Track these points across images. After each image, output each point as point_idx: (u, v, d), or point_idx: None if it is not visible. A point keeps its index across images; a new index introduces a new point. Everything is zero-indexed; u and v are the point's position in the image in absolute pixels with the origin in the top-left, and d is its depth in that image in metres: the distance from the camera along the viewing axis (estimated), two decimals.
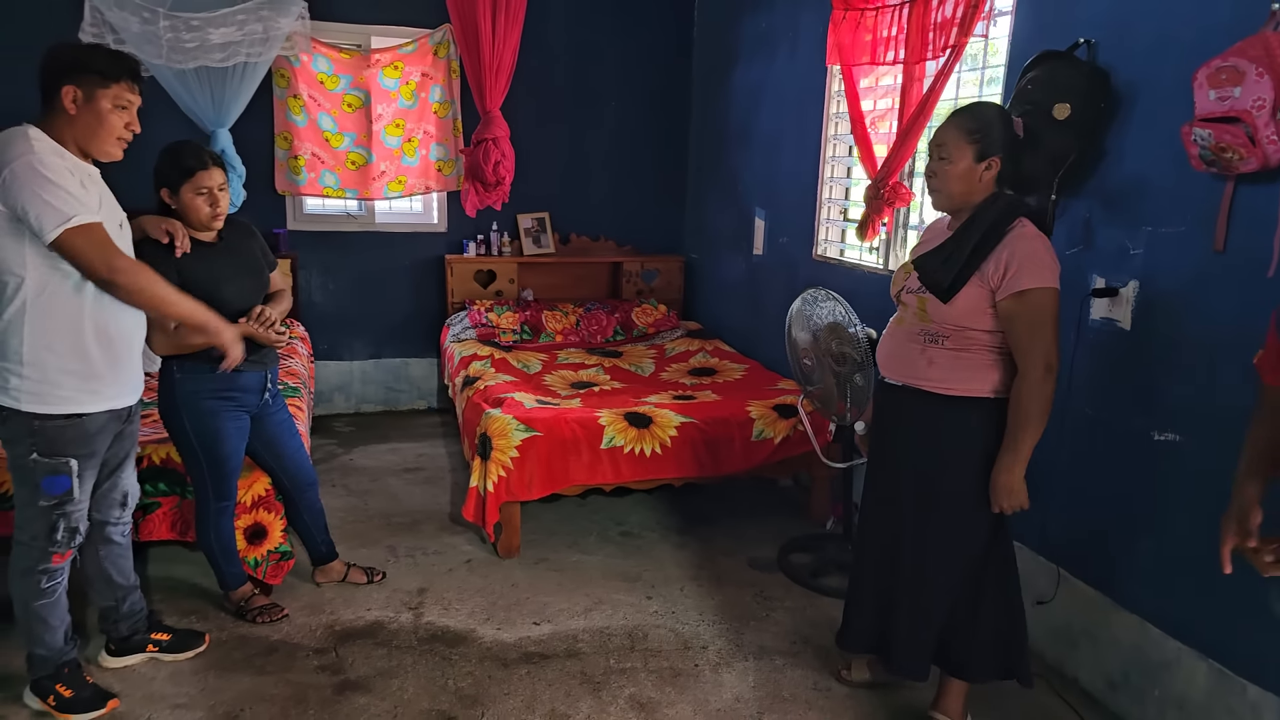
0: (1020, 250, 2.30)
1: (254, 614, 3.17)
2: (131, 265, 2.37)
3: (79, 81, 2.33)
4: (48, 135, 2.34)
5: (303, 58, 5.16)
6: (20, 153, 2.23)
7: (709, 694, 2.86)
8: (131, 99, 2.42)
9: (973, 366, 2.40)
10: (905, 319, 2.53)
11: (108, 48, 2.42)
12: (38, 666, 2.62)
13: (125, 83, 2.39)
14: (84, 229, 2.26)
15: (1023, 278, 2.27)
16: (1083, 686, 2.93)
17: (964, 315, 2.37)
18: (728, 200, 5.52)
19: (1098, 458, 2.86)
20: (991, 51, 3.47)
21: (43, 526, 2.48)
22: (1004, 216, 2.36)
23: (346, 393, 5.87)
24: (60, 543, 2.50)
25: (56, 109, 2.34)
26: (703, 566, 3.75)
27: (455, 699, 2.78)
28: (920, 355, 2.46)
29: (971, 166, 2.35)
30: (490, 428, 3.68)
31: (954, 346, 2.41)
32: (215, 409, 2.90)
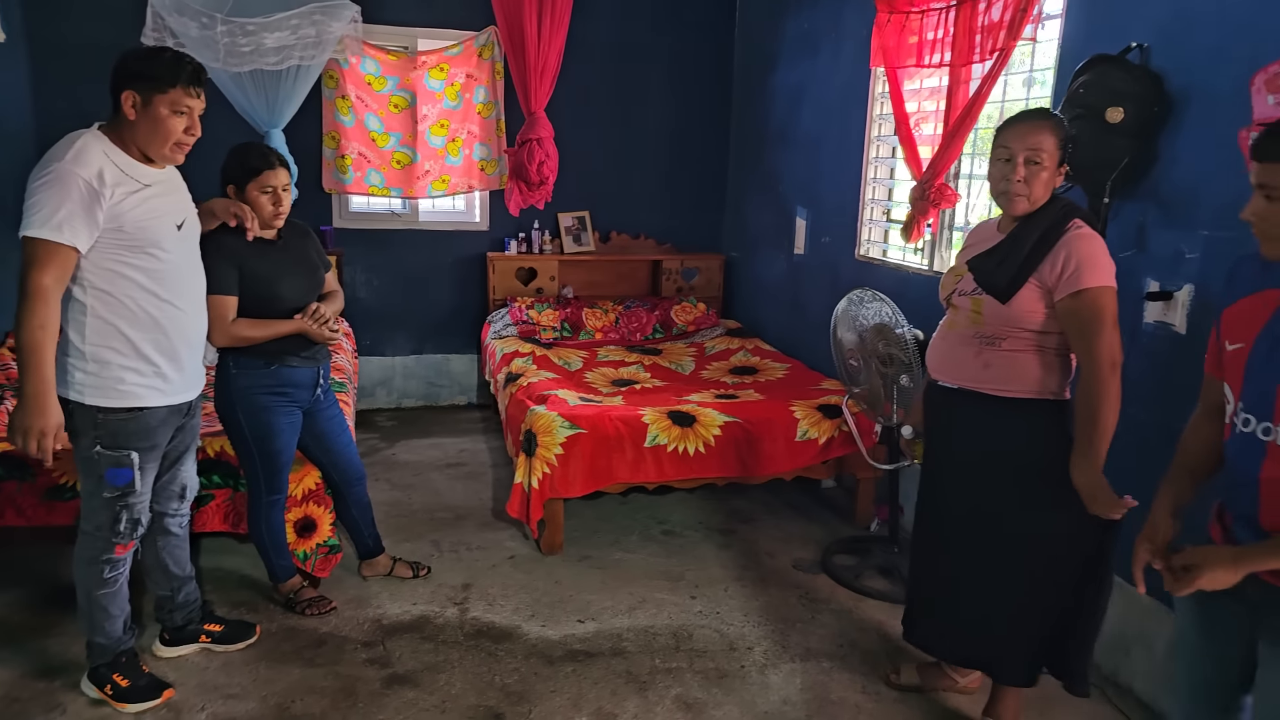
0: (1078, 250, 2.28)
1: (303, 606, 3.23)
2: (33, 291, 2.26)
3: (137, 87, 2.37)
4: (112, 139, 2.40)
5: (351, 59, 5.22)
6: (60, 158, 2.30)
7: (756, 696, 2.86)
8: (191, 104, 2.43)
9: (1029, 367, 2.38)
10: (958, 322, 2.51)
11: (172, 52, 2.44)
12: (96, 654, 2.68)
13: (182, 87, 2.40)
14: (41, 243, 2.27)
15: (1082, 276, 2.26)
16: (1138, 695, 2.89)
17: (1020, 316, 2.36)
18: (768, 199, 5.51)
19: (1151, 462, 2.81)
20: (1035, 54, 3.43)
21: (106, 517, 2.54)
22: (1061, 218, 2.35)
23: (388, 388, 5.93)
24: (123, 533, 2.56)
25: (120, 114, 2.39)
26: (746, 567, 3.75)
27: (502, 695, 2.81)
28: (975, 359, 2.44)
29: (1056, 172, 2.36)
30: (535, 424, 3.71)
31: (1010, 349, 2.39)
32: (269, 404, 2.95)
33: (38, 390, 2.30)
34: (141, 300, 2.45)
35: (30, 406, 2.31)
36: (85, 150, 2.32)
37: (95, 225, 2.33)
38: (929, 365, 2.66)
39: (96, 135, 2.39)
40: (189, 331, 2.60)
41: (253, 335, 2.86)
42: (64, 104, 4.80)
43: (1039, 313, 2.34)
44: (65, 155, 2.30)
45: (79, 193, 2.28)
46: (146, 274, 2.44)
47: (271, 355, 2.93)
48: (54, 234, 2.27)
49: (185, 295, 2.57)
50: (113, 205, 2.34)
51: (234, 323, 2.82)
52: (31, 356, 2.29)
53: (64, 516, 3.08)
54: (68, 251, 2.30)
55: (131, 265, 2.41)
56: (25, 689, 2.75)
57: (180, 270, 2.54)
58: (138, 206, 2.39)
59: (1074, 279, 2.27)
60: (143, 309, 2.45)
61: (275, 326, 2.90)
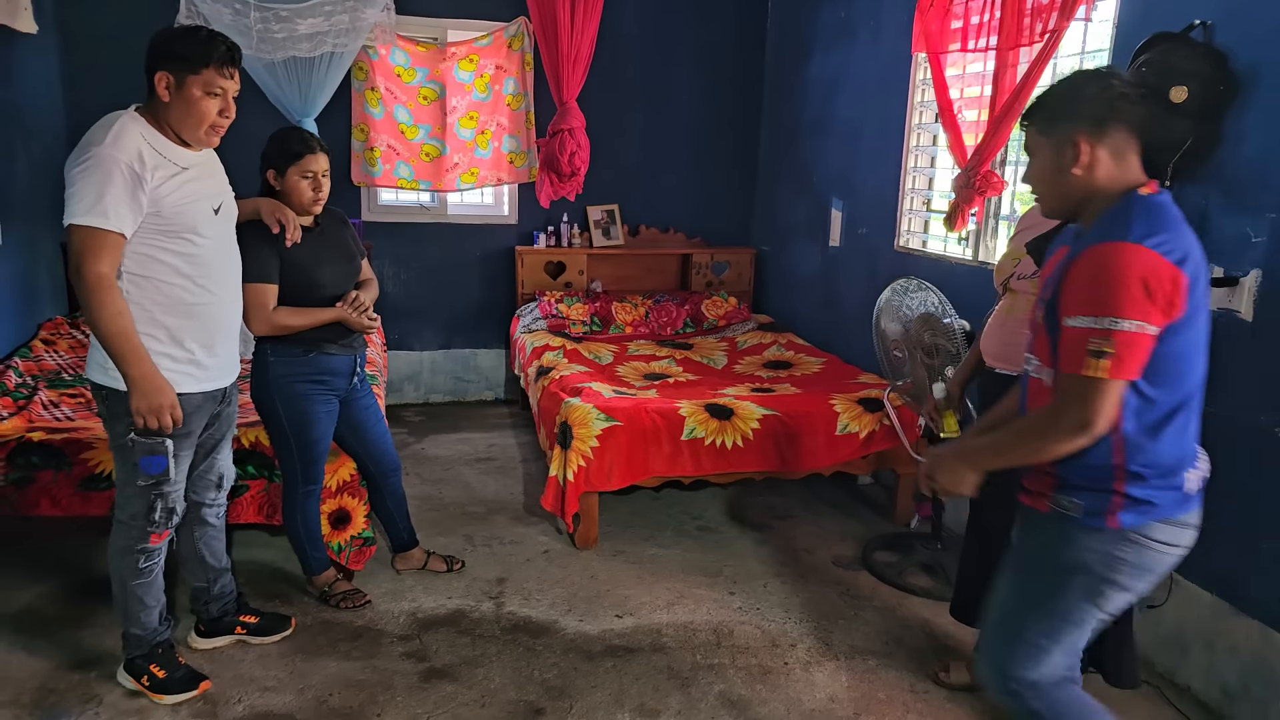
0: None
1: (338, 599, 3.18)
2: (95, 281, 2.23)
3: (170, 68, 2.32)
4: (148, 120, 2.35)
5: (381, 51, 5.19)
6: (99, 142, 2.25)
7: (801, 693, 2.79)
8: (225, 85, 2.37)
9: None
10: (1018, 307, 2.45)
11: (207, 32, 2.39)
12: (133, 646, 2.64)
13: (216, 67, 2.34)
14: (89, 230, 2.23)
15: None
16: (1196, 696, 2.80)
17: None
18: (801, 191, 5.43)
19: (1215, 454, 2.71)
20: (1087, 35, 3.34)
21: (141, 506, 2.50)
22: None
23: (416, 382, 5.90)
24: (158, 522, 2.52)
25: (155, 95, 2.35)
26: (785, 563, 3.68)
27: (542, 690, 2.75)
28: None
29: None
30: (571, 416, 3.65)
31: None
32: (307, 392, 2.91)
33: (143, 372, 2.30)
34: (177, 286, 2.40)
35: (143, 389, 2.30)
36: (123, 133, 2.27)
37: (140, 209, 2.28)
38: (985, 353, 2.58)
39: (133, 117, 2.34)
40: (224, 317, 2.56)
41: (293, 323, 2.82)
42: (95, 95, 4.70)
43: None
44: (104, 139, 2.25)
45: (121, 177, 2.23)
46: (183, 259, 2.40)
47: (309, 343, 2.89)
48: (101, 220, 2.23)
49: (221, 281, 2.53)
50: (153, 189, 2.29)
51: (274, 311, 2.78)
52: (123, 343, 2.28)
53: (99, 507, 3.04)
54: (116, 238, 2.26)
55: (168, 250, 2.37)
56: (61, 680, 2.71)
57: (216, 255, 2.50)
58: (176, 190, 2.35)
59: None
60: (178, 295, 2.41)
61: (315, 315, 2.86)
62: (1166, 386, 1.76)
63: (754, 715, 2.67)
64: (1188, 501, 1.85)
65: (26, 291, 4.36)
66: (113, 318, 2.26)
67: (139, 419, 2.32)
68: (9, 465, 2.98)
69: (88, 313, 2.26)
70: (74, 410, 3.50)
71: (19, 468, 2.98)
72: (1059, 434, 1.74)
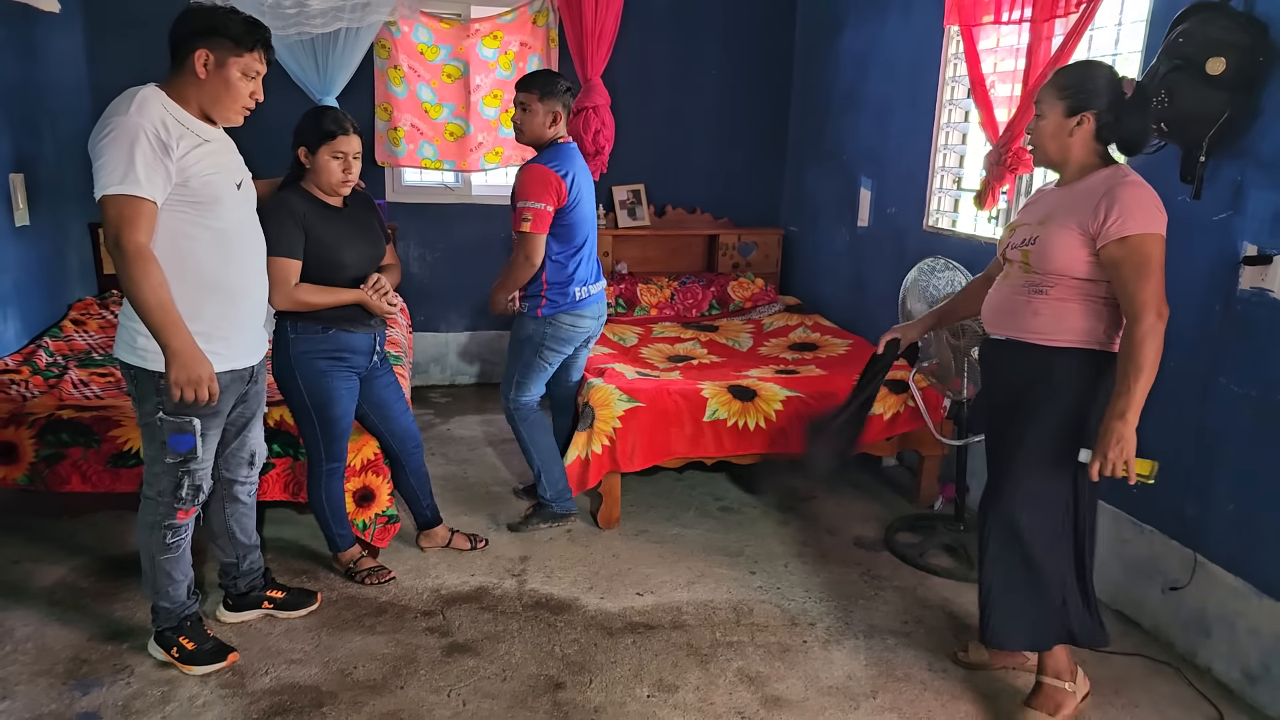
0: (1123, 196, 2.25)
1: (363, 575, 3.21)
2: (136, 251, 2.24)
3: (212, 46, 2.33)
4: (170, 95, 2.35)
5: (403, 28, 5.18)
6: (122, 112, 2.25)
7: (819, 670, 2.79)
8: (260, 69, 2.42)
9: (1075, 315, 2.36)
10: (1011, 274, 2.50)
11: (244, 15, 2.40)
12: (161, 618, 2.69)
13: (258, 52, 2.39)
14: (124, 199, 2.23)
15: (1128, 223, 2.23)
16: (1216, 677, 2.77)
17: (1066, 264, 2.34)
18: (830, 171, 5.37)
19: (1245, 437, 2.69)
20: (1125, 5, 3.27)
21: (169, 483, 2.53)
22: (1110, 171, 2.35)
23: (442, 364, 5.92)
24: (185, 499, 2.55)
25: (185, 71, 2.35)
26: (806, 544, 3.67)
27: (562, 665, 2.77)
28: (1026, 306, 2.43)
29: (1061, 122, 2.35)
30: (593, 397, 3.65)
31: (1058, 296, 2.37)
32: (327, 369, 2.94)
33: (184, 344, 2.31)
34: (204, 263, 2.41)
35: (183, 360, 2.31)
36: (146, 102, 2.28)
37: (169, 178, 2.29)
38: (984, 320, 2.61)
39: (154, 90, 2.35)
40: (250, 295, 2.58)
41: (314, 301, 2.84)
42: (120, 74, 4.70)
43: (1082, 260, 2.32)
44: (127, 109, 2.26)
45: (149, 144, 2.24)
46: (209, 234, 2.41)
47: (328, 320, 2.91)
48: (135, 188, 2.22)
49: (246, 259, 2.55)
50: (180, 157, 2.30)
51: (296, 287, 2.80)
52: (164, 314, 2.28)
53: (128, 483, 3.09)
54: (150, 206, 2.26)
55: (195, 224, 2.38)
56: (94, 651, 2.77)
57: (241, 232, 2.52)
58: (201, 160, 2.36)
59: (1120, 225, 2.24)
60: (204, 272, 2.42)
61: (337, 294, 2.87)
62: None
63: (772, 691, 2.67)
64: (580, 304, 3.50)
65: (56, 272, 4.43)
66: (154, 288, 2.26)
67: (176, 391, 2.33)
68: (40, 442, 3.03)
69: (128, 284, 2.25)
70: (103, 389, 3.55)
71: (49, 444, 3.03)
72: None
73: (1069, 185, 2.42)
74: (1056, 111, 2.36)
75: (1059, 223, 2.35)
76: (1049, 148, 2.41)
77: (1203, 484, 2.82)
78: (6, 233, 3.89)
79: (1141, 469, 2.27)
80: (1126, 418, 2.21)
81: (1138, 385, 2.21)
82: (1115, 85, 2.34)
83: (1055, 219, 2.37)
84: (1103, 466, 2.24)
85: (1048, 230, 2.37)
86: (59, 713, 2.48)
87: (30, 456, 3.04)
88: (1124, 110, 2.33)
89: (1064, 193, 2.42)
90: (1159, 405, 2.96)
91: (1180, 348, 2.89)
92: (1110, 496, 3.19)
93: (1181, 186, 2.83)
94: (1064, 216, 2.35)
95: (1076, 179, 2.40)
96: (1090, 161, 2.38)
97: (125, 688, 2.60)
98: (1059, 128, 2.36)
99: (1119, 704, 2.66)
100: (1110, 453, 2.22)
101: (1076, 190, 2.37)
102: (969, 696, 2.68)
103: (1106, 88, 2.33)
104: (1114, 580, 3.17)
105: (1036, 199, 2.55)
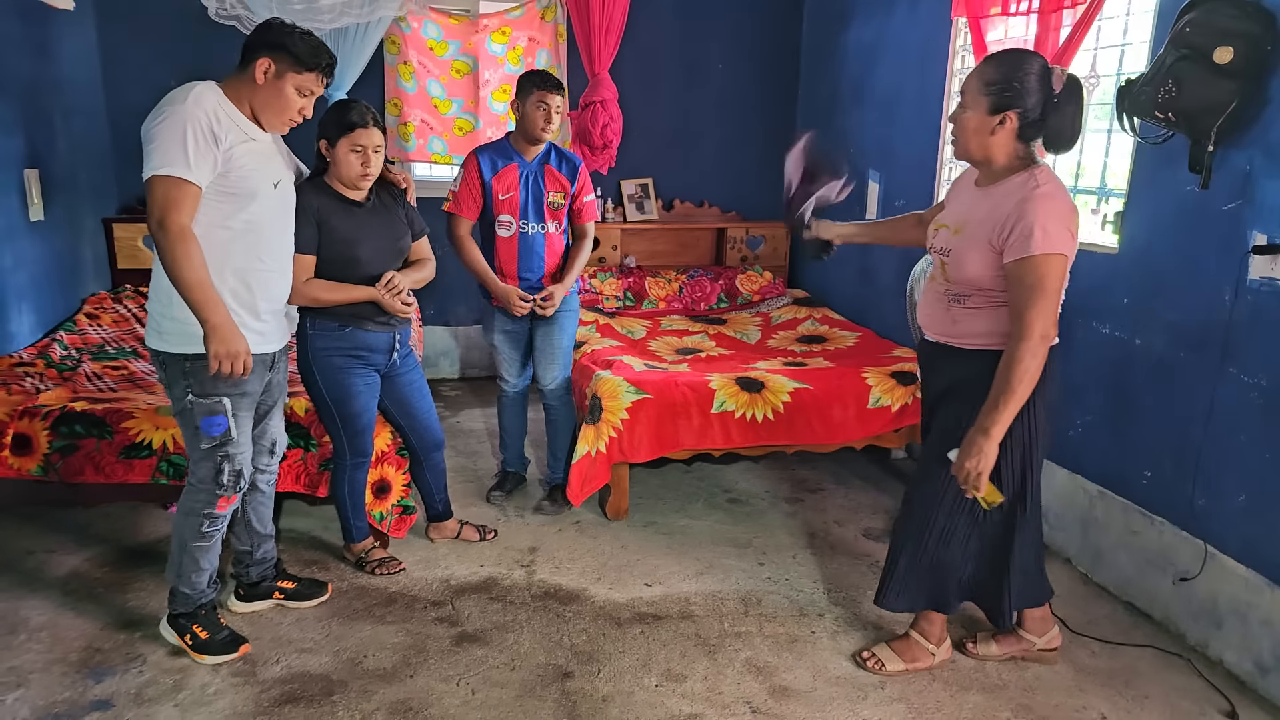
0: (1030, 212, 2.22)
1: (373, 566, 3.23)
2: (180, 231, 2.32)
3: (276, 58, 2.43)
4: (226, 93, 2.44)
5: (413, 24, 5.20)
6: (179, 100, 2.33)
7: (828, 661, 2.80)
8: (316, 90, 2.53)
9: (993, 322, 2.38)
10: (935, 277, 2.54)
11: (315, 40, 2.51)
12: (179, 603, 2.71)
13: (317, 74, 2.50)
14: (172, 181, 2.30)
15: (1029, 243, 2.21)
16: (1228, 668, 2.77)
17: (977, 277, 2.37)
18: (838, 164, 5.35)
19: (1256, 428, 2.68)
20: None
21: (209, 470, 2.57)
22: (1025, 178, 2.32)
23: (451, 358, 5.94)
24: (226, 485, 2.59)
25: (246, 75, 2.45)
26: (815, 535, 3.67)
27: (571, 654, 2.79)
28: (946, 314, 2.49)
29: (984, 119, 2.31)
30: (600, 389, 3.66)
31: (974, 305, 2.42)
32: (345, 365, 2.96)
33: (222, 319, 2.40)
34: (232, 253, 2.47)
35: (223, 335, 2.39)
36: (203, 96, 2.37)
37: (214, 166, 2.37)
38: (919, 321, 2.65)
39: (211, 86, 2.43)
40: (273, 289, 2.63)
41: (324, 297, 2.84)
42: (133, 72, 4.86)
43: (993, 273, 2.33)
44: (185, 99, 2.34)
45: (201, 132, 2.32)
46: (241, 225, 2.47)
47: (345, 318, 2.93)
48: (184, 171, 2.31)
49: (274, 253, 2.61)
50: (227, 149, 2.38)
51: (307, 282, 2.81)
52: (204, 292, 2.36)
53: (141, 475, 3.11)
54: (195, 190, 2.34)
55: (229, 215, 2.45)
56: (107, 640, 2.80)
57: (272, 227, 2.58)
58: (246, 155, 2.44)
59: (1020, 245, 2.22)
60: (230, 263, 2.47)
61: (349, 291, 2.88)
62: None
63: (780, 682, 2.68)
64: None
65: (70, 267, 4.46)
66: (196, 268, 2.35)
67: (215, 363, 2.40)
68: (54, 434, 3.06)
69: (170, 263, 2.32)
70: (117, 382, 3.58)
71: (63, 436, 3.06)
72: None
73: (986, 189, 2.40)
74: (980, 107, 2.31)
75: (972, 237, 2.36)
76: (970, 144, 2.37)
77: (1213, 474, 2.82)
78: (21, 228, 3.93)
79: (991, 496, 2.32)
80: (991, 434, 2.25)
81: (1007, 406, 2.23)
82: (1045, 81, 2.28)
83: (968, 231, 2.37)
84: (959, 476, 2.31)
85: (962, 244, 2.38)
86: (73, 700, 2.51)
87: (44, 448, 3.06)
88: (1052, 108, 2.29)
89: (981, 196, 2.40)
90: (1168, 395, 2.96)
91: (1190, 338, 2.89)
92: (1121, 488, 3.19)
93: (1190, 176, 2.83)
94: (976, 229, 2.35)
95: (994, 181, 2.38)
96: (1010, 164, 2.35)
97: (138, 676, 2.63)
98: (981, 124, 2.32)
99: (1130, 695, 2.65)
100: (968, 463, 2.28)
101: (993, 196, 2.35)
102: (977, 687, 2.68)
103: (1036, 85, 2.27)
104: (1124, 572, 3.17)
105: (956, 193, 2.57)
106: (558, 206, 3.59)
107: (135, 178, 2.54)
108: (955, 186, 2.60)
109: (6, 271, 3.80)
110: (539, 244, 3.58)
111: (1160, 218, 3.02)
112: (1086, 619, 3.06)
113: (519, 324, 3.69)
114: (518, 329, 3.71)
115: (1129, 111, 2.84)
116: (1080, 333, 3.36)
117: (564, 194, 3.59)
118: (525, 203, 3.53)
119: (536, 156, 3.56)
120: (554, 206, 3.58)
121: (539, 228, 3.56)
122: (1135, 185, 3.15)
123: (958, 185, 2.59)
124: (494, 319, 3.69)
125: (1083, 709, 2.59)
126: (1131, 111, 2.83)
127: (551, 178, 3.57)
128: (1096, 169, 3.50)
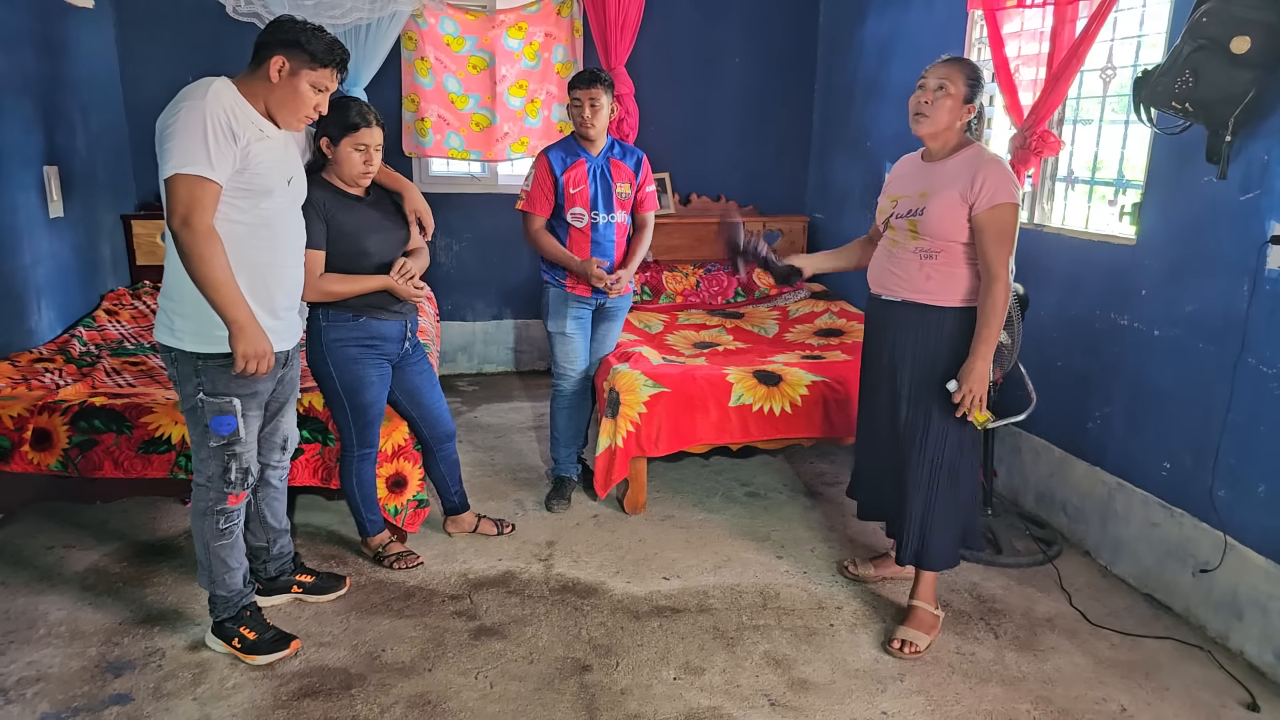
0: (993, 171, 2.60)
1: (391, 560, 3.25)
2: (206, 231, 2.32)
3: (290, 56, 2.43)
4: (241, 90, 2.43)
5: (430, 19, 5.22)
6: (197, 96, 2.32)
7: (846, 653, 2.79)
8: (330, 86, 2.53)
9: (963, 279, 2.70)
10: (898, 240, 2.79)
11: (332, 36, 2.51)
12: (220, 608, 2.71)
13: (331, 70, 2.49)
14: (195, 180, 2.29)
15: (997, 194, 2.57)
16: (1249, 660, 2.75)
17: (951, 230, 2.66)
18: (855, 157, 5.35)
19: (1275, 418, 2.65)
20: None
21: (217, 468, 2.58)
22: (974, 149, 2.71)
23: (469, 353, 5.96)
24: (234, 483, 2.60)
25: (260, 72, 2.44)
26: (833, 528, 3.67)
27: (589, 648, 2.79)
28: (919, 271, 2.74)
29: (960, 104, 2.66)
30: (618, 383, 3.66)
31: (945, 262, 2.70)
32: (358, 356, 2.97)
33: (247, 318, 2.41)
34: (245, 250, 2.46)
35: (249, 334, 2.41)
36: (219, 92, 2.36)
37: (233, 163, 2.37)
38: (872, 283, 2.91)
39: (226, 83, 2.42)
40: (286, 285, 2.63)
41: (340, 290, 2.87)
42: (152, 69, 4.89)
43: (964, 226, 2.65)
44: (201, 95, 2.33)
45: (220, 128, 2.32)
46: (255, 221, 2.47)
47: (359, 308, 2.94)
48: (206, 170, 2.30)
49: (286, 250, 2.61)
50: (243, 146, 2.38)
51: (321, 277, 2.83)
52: (229, 290, 2.37)
53: (160, 469, 3.15)
54: (217, 188, 2.34)
55: (243, 210, 2.44)
56: (126, 635, 2.82)
57: (285, 223, 2.58)
58: (262, 153, 2.44)
59: (992, 195, 2.58)
60: (245, 260, 2.46)
61: (362, 282, 2.90)
62: None
63: (798, 674, 2.68)
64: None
65: (89, 263, 4.50)
66: (221, 267, 2.35)
67: (241, 362, 2.41)
68: (73, 429, 3.09)
69: (195, 262, 2.32)
70: (135, 378, 3.62)
71: (82, 431, 3.09)
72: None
73: (939, 161, 2.73)
74: (960, 95, 2.65)
75: (942, 195, 2.67)
76: (944, 120, 2.67)
77: (1232, 465, 2.79)
78: (41, 224, 3.97)
79: (984, 416, 2.68)
80: (981, 353, 2.62)
81: (990, 332, 2.61)
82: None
83: (937, 192, 2.68)
84: (964, 401, 2.63)
85: (932, 202, 2.68)
86: (91, 694, 2.54)
87: (63, 443, 3.10)
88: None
89: (936, 168, 2.73)
90: (1187, 386, 2.94)
91: (1208, 328, 2.87)
92: (1140, 480, 3.17)
93: (1208, 167, 2.80)
94: (945, 189, 2.67)
95: (945, 155, 2.72)
96: (959, 140, 2.72)
97: (157, 670, 2.65)
98: (956, 108, 2.66)
99: (1150, 687, 2.64)
100: (975, 388, 2.62)
101: (949, 165, 2.70)
102: (996, 679, 2.68)
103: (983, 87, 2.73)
104: (1144, 563, 3.15)
105: (906, 171, 2.87)
106: (625, 196, 3.70)
107: (153, 175, 2.55)
108: (899, 171, 2.91)
109: (26, 268, 3.84)
110: (610, 232, 3.70)
111: (1178, 209, 3.00)
112: (1106, 611, 3.05)
113: (589, 311, 3.81)
114: (588, 315, 3.82)
115: (1146, 102, 2.83)
116: (1099, 324, 3.34)
117: (630, 184, 3.71)
118: (595, 195, 3.65)
119: (601, 151, 3.68)
120: (622, 197, 3.70)
121: (609, 217, 3.68)
122: (1153, 176, 3.12)
123: (902, 169, 2.90)
124: (566, 307, 3.74)
125: (1103, 701, 2.58)
126: (1149, 102, 2.82)
127: (618, 170, 3.69)
128: (1114, 160, 3.48)
